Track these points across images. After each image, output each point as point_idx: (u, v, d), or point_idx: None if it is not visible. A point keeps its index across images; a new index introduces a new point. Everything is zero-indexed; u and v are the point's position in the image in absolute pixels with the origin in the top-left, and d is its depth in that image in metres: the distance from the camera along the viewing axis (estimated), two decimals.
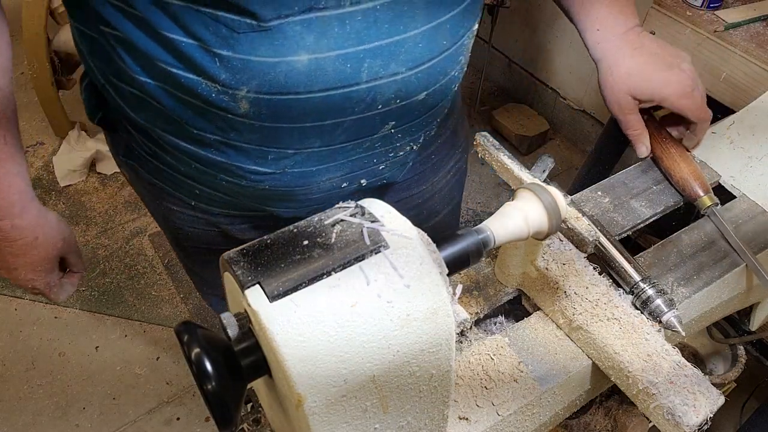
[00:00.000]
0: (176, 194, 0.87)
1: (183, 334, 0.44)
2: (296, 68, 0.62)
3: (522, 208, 0.54)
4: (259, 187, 0.76)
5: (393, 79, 0.68)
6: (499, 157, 0.77)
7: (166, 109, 0.68)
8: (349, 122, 0.69)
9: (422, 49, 0.68)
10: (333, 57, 0.63)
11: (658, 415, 0.59)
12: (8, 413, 1.82)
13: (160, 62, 0.63)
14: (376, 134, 0.73)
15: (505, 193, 2.46)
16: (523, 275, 0.72)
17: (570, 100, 2.58)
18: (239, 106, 0.64)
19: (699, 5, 1.45)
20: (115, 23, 0.62)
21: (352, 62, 0.64)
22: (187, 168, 0.78)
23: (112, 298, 2.09)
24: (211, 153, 0.72)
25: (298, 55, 0.61)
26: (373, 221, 0.47)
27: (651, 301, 0.65)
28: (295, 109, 0.66)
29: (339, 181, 0.79)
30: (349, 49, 0.63)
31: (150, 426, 1.81)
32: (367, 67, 0.65)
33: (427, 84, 0.72)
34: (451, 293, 0.46)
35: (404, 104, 0.71)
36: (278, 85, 0.63)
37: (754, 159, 0.85)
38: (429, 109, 0.76)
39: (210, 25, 0.59)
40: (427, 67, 0.70)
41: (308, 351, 0.41)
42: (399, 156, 0.81)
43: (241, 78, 0.62)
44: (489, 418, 0.62)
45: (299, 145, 0.70)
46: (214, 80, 0.62)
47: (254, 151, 0.71)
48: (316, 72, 0.63)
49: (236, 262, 0.45)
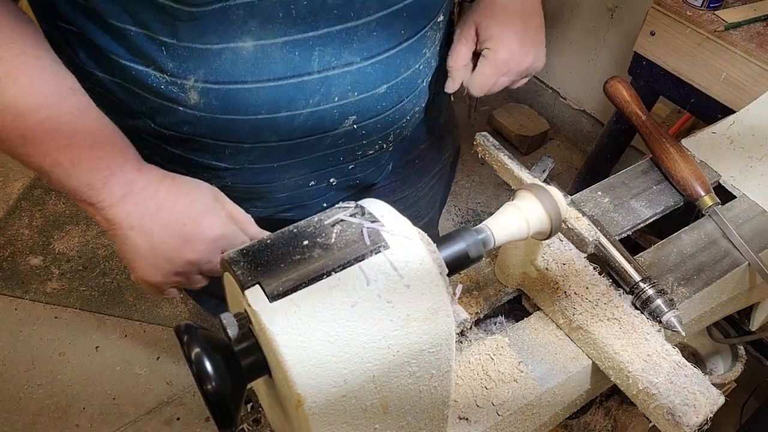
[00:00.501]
0: None
1: (183, 334, 0.44)
2: (242, 55, 0.61)
3: (522, 208, 0.54)
4: (223, 184, 0.73)
5: (347, 69, 0.65)
6: (499, 157, 0.77)
7: (123, 104, 0.67)
8: (305, 115, 0.67)
9: (377, 38, 0.65)
10: (280, 44, 0.61)
11: (658, 415, 0.59)
12: (8, 413, 1.81)
13: (112, 55, 0.62)
14: (337, 129, 0.70)
15: (505, 193, 2.46)
16: (523, 275, 0.72)
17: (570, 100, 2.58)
18: (189, 97, 0.63)
19: (699, 5, 1.45)
20: (69, 17, 0.62)
21: (301, 50, 0.62)
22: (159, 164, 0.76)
23: (112, 298, 2.09)
24: (172, 148, 0.71)
25: (243, 41, 0.60)
26: (373, 221, 0.47)
27: (651, 301, 0.65)
28: (245, 99, 0.64)
29: (305, 179, 0.77)
30: (296, 36, 0.60)
31: (150, 426, 1.81)
32: (318, 55, 0.62)
33: (386, 76, 0.68)
34: (451, 293, 0.46)
35: (363, 97, 0.68)
36: (225, 73, 0.62)
37: (754, 159, 0.85)
38: (394, 104, 0.72)
39: (154, 12, 0.58)
40: (385, 57, 0.67)
41: (308, 351, 0.41)
42: (369, 155, 0.78)
43: (187, 67, 0.61)
44: (489, 418, 0.62)
45: (254, 139, 0.68)
46: (163, 70, 0.62)
47: (211, 145, 0.69)
48: (263, 59, 0.61)
49: (236, 262, 0.45)
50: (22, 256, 2.20)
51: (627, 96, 0.89)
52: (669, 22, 1.47)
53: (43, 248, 2.22)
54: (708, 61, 1.43)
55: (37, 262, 2.18)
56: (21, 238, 2.25)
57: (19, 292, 2.10)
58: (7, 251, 2.21)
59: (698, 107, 1.51)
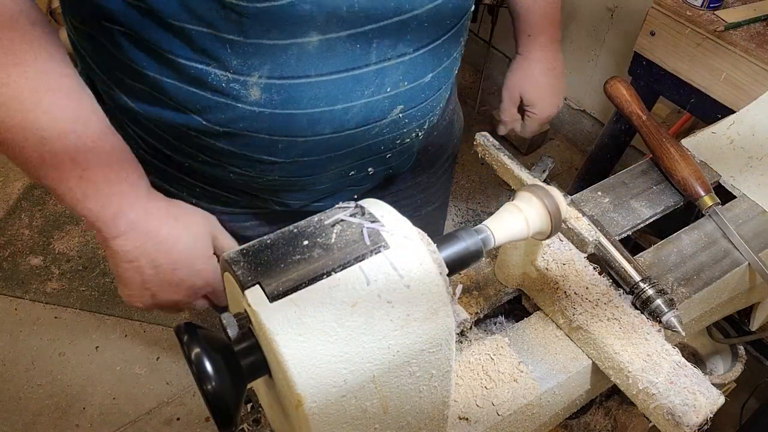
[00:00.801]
0: (177, 193, 0.86)
1: (183, 334, 0.44)
2: (307, 50, 0.62)
3: (522, 208, 0.54)
4: (268, 178, 0.76)
5: (401, 60, 0.68)
6: (499, 157, 0.77)
7: (176, 102, 0.67)
8: (359, 107, 0.69)
9: (427, 29, 0.68)
10: (344, 37, 0.63)
11: (658, 415, 0.59)
12: (8, 413, 1.82)
13: (169, 54, 0.62)
14: (385, 119, 0.73)
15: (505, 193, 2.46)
16: (523, 275, 0.72)
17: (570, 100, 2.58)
18: (250, 93, 0.64)
19: (699, 5, 1.45)
20: (120, 17, 0.62)
21: (362, 42, 0.64)
22: (193, 162, 0.77)
23: (112, 298, 2.09)
24: (221, 143, 0.71)
25: (310, 36, 0.61)
26: (373, 221, 0.47)
27: (651, 301, 0.65)
28: (306, 94, 0.65)
29: (347, 169, 0.79)
30: (358, 29, 0.63)
31: (150, 426, 1.81)
32: (376, 47, 0.65)
33: (432, 65, 0.72)
34: (451, 293, 0.46)
35: (412, 87, 0.71)
36: (290, 69, 0.63)
37: (754, 159, 0.85)
38: (435, 91, 0.76)
39: (219, 10, 0.58)
40: (432, 47, 0.70)
41: (308, 351, 0.41)
42: (405, 143, 0.81)
43: (252, 63, 0.62)
44: (489, 418, 0.62)
45: (309, 133, 0.70)
46: (225, 67, 0.62)
47: (265, 141, 0.70)
48: (326, 53, 0.63)
49: (236, 262, 0.45)
50: (22, 256, 2.20)
51: (627, 96, 0.89)
52: (669, 22, 1.47)
53: (43, 248, 2.22)
54: (708, 61, 1.43)
55: (37, 262, 2.18)
56: (21, 238, 2.25)
57: (19, 292, 2.10)
58: (7, 251, 2.21)
59: (698, 107, 1.51)
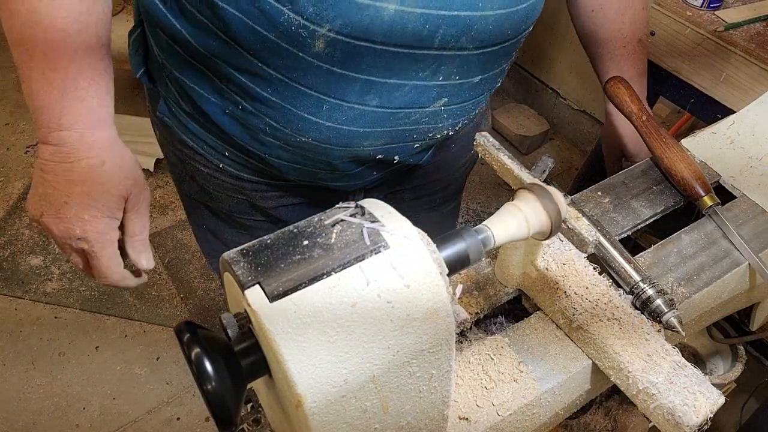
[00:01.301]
0: (205, 155, 0.88)
1: (183, 334, 0.44)
2: (381, 16, 0.63)
3: (522, 208, 0.54)
4: (301, 138, 0.76)
5: (459, 53, 0.69)
6: (499, 157, 0.77)
7: (237, 38, 0.67)
8: (410, 86, 0.71)
9: (491, 32, 0.69)
10: (417, 14, 0.64)
11: (658, 415, 0.59)
12: (8, 413, 1.81)
13: None
14: (428, 107, 0.74)
15: (505, 193, 2.46)
16: (523, 275, 0.72)
17: (570, 100, 2.58)
18: (314, 44, 0.65)
19: (699, 5, 1.45)
20: None
21: (431, 25, 0.65)
22: (233, 107, 0.77)
23: (112, 298, 2.09)
24: (267, 92, 0.72)
25: (387, 3, 0.62)
26: (373, 221, 0.47)
27: (651, 301, 0.65)
28: (367, 59, 0.66)
29: (375, 150, 0.80)
30: (431, 11, 0.64)
31: (150, 426, 1.81)
32: (442, 33, 0.67)
33: (484, 68, 0.74)
34: (451, 293, 0.46)
35: (461, 83, 0.73)
36: (360, 29, 0.63)
37: (754, 159, 0.85)
38: (479, 94, 0.78)
39: None
40: (489, 51, 0.72)
41: (308, 351, 0.41)
42: (435, 139, 0.82)
43: (327, 15, 0.62)
44: (489, 418, 0.62)
45: (357, 100, 0.71)
46: (299, 12, 0.62)
47: (312, 97, 0.71)
48: (397, 25, 0.64)
49: (236, 262, 0.45)
50: (22, 256, 2.20)
51: (627, 96, 0.89)
52: (669, 22, 1.47)
53: (43, 248, 2.22)
54: (708, 61, 1.43)
55: (37, 262, 2.18)
56: (21, 238, 2.25)
57: (19, 292, 2.10)
58: (7, 251, 2.21)
59: (698, 107, 1.51)
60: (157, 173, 2.47)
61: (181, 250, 2.23)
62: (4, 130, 2.64)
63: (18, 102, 2.77)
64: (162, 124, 0.90)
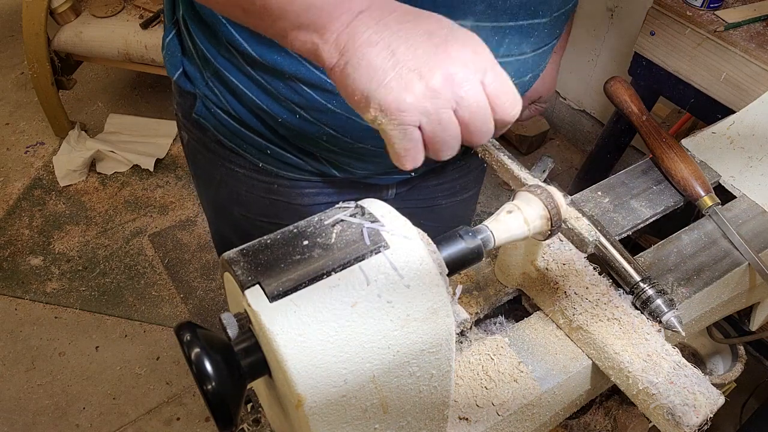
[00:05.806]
0: (245, 155, 0.88)
1: (183, 334, 0.44)
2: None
3: (522, 208, 0.54)
4: (358, 144, 0.78)
5: (519, 57, 0.73)
6: (499, 157, 0.77)
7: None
8: None
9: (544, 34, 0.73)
10: (489, 28, 0.67)
11: (658, 415, 0.59)
12: (8, 413, 1.81)
13: None
14: None
15: (505, 193, 2.46)
16: (523, 275, 0.72)
17: (570, 100, 2.58)
18: None
19: (699, 5, 1.45)
20: None
21: (499, 36, 0.68)
22: (288, 116, 0.78)
23: (112, 298, 2.09)
24: (333, 104, 0.73)
25: (465, 20, 0.65)
26: (373, 221, 0.47)
27: (651, 301, 0.65)
28: None
29: None
30: (502, 23, 0.67)
31: (150, 426, 1.81)
32: (507, 42, 0.69)
33: (535, 67, 0.78)
34: (451, 293, 0.46)
35: (515, 83, 0.75)
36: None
37: (754, 159, 0.85)
38: (523, 92, 0.81)
39: None
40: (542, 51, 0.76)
41: (308, 351, 0.41)
42: None
43: None
44: (489, 418, 0.62)
45: None
46: None
47: None
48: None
49: (236, 262, 0.45)
50: (22, 256, 2.20)
51: (627, 96, 0.89)
52: (669, 22, 1.47)
53: (43, 248, 2.22)
54: (708, 61, 1.43)
55: (37, 262, 2.18)
56: (21, 238, 2.25)
57: (19, 292, 2.10)
58: (7, 251, 2.21)
59: (698, 107, 1.51)
60: (157, 173, 2.47)
61: (181, 250, 2.23)
62: (4, 130, 2.64)
63: (18, 102, 2.77)
64: (196, 126, 0.89)
